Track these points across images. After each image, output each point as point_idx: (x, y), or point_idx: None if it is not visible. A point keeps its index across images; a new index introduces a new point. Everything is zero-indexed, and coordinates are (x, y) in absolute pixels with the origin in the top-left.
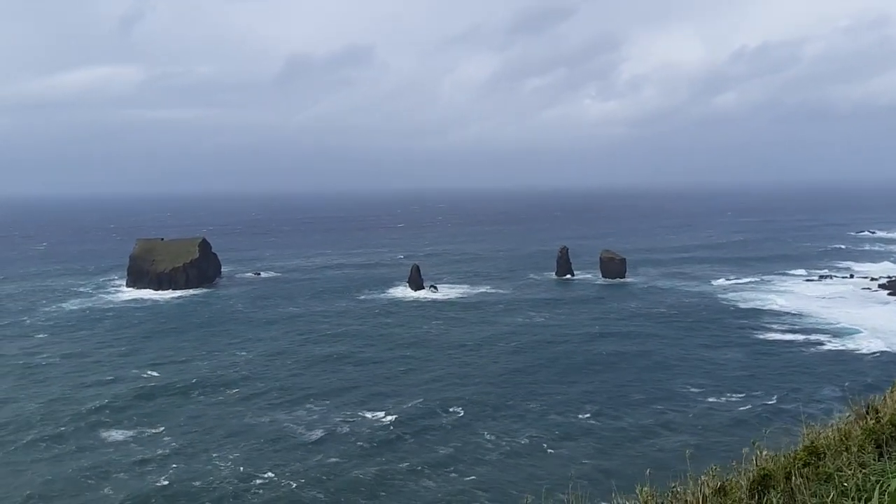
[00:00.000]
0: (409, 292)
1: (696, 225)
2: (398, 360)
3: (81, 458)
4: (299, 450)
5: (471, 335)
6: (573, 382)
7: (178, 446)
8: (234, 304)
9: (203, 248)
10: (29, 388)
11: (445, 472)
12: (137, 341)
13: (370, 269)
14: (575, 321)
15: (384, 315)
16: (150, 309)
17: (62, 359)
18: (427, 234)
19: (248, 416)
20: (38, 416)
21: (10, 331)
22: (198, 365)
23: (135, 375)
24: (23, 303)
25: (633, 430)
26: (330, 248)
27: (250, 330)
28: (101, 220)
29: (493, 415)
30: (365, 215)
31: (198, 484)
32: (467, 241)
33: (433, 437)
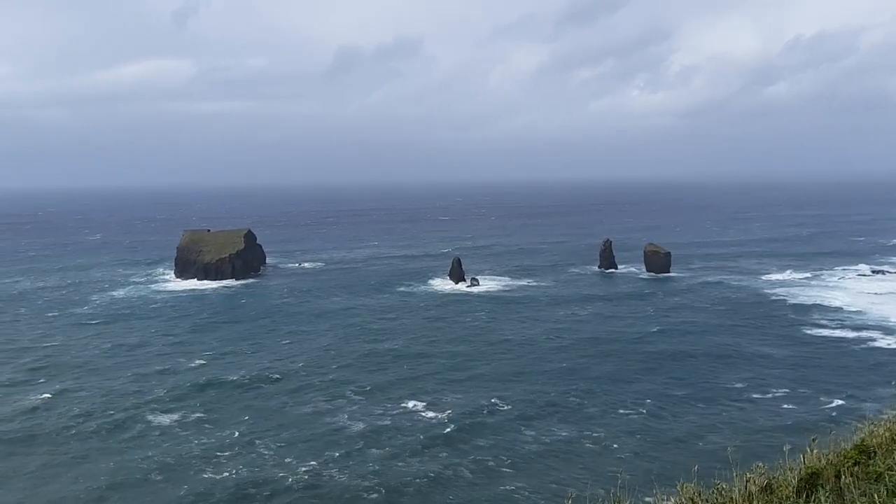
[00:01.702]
0: (450, 285)
1: (746, 218)
2: (441, 355)
3: (140, 450)
4: (344, 442)
5: (513, 330)
6: (616, 379)
7: (233, 438)
8: (279, 295)
9: (248, 239)
10: (86, 378)
11: (487, 467)
12: (185, 332)
13: (412, 261)
14: (618, 317)
15: (425, 308)
16: (196, 299)
17: (115, 349)
18: (470, 226)
19: (295, 407)
20: (97, 406)
21: (64, 321)
22: (245, 356)
23: (184, 366)
24: (77, 293)
25: (677, 426)
26: (374, 239)
27: (294, 321)
28: (152, 211)
29: (535, 411)
30: (409, 207)
31: (249, 475)
32: (510, 234)
33: (476, 432)
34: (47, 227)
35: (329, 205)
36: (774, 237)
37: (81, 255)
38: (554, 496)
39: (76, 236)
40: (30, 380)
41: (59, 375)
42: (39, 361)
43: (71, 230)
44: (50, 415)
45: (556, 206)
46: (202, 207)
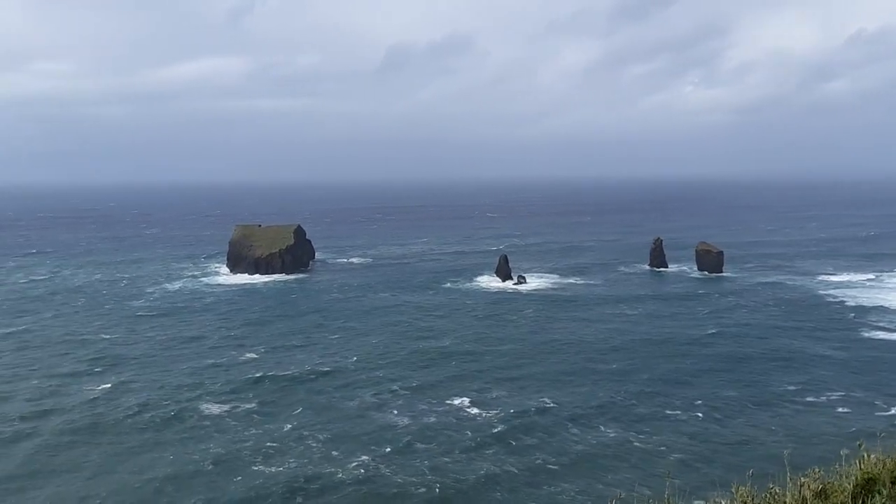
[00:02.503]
0: (497, 282)
1: (803, 217)
2: (489, 353)
3: (195, 442)
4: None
5: (562, 329)
6: (668, 381)
7: (284, 432)
8: (328, 290)
9: (298, 234)
10: (143, 370)
11: (535, 466)
12: (238, 326)
13: (459, 258)
14: (670, 317)
15: (473, 306)
16: (248, 293)
17: (170, 341)
18: (518, 223)
19: (345, 402)
20: (153, 398)
21: (121, 313)
22: (296, 351)
23: (237, 360)
24: (133, 286)
25: (730, 429)
26: (421, 236)
27: (343, 317)
28: (207, 206)
29: (584, 412)
30: (458, 204)
31: (300, 468)
32: (558, 231)
33: (525, 432)
34: (106, 221)
35: (378, 201)
36: (833, 237)
37: (138, 248)
38: (601, 497)
39: (134, 230)
40: (91, 371)
41: (117, 367)
42: (99, 353)
43: (129, 224)
44: (110, 406)
45: (606, 203)
46: (254, 203)
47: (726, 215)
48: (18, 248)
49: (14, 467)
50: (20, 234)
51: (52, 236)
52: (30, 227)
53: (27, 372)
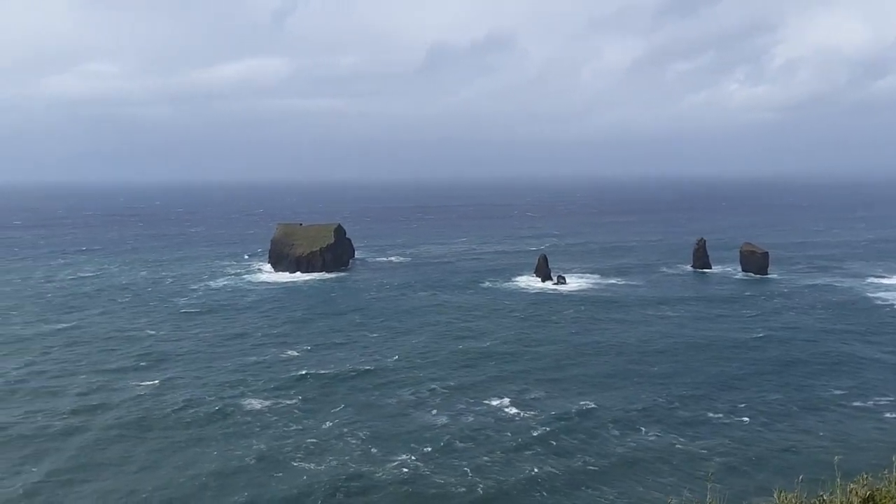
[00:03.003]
0: (536, 282)
1: (852, 218)
2: (529, 355)
3: (239, 439)
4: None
5: (602, 331)
6: (713, 385)
7: (326, 430)
8: (368, 289)
9: (338, 233)
10: (188, 367)
11: (575, 469)
12: (280, 324)
13: (498, 258)
14: (714, 319)
15: (512, 306)
16: (289, 291)
17: (214, 339)
18: (558, 222)
19: (386, 402)
20: (199, 395)
21: (167, 311)
22: (337, 349)
23: (279, 357)
24: (178, 283)
25: (774, 433)
26: (461, 235)
27: (383, 316)
28: (250, 205)
29: (625, 415)
30: (498, 203)
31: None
32: (599, 231)
33: (565, 434)
34: (152, 220)
35: (418, 200)
36: (883, 238)
37: (183, 246)
38: (642, 500)
39: (178, 228)
40: (137, 367)
41: (163, 363)
42: (145, 350)
43: (173, 223)
44: (156, 401)
45: (648, 203)
46: (296, 202)
47: (772, 215)
48: (67, 246)
49: (64, 461)
50: (69, 231)
51: (99, 234)
52: (78, 226)
53: (76, 367)
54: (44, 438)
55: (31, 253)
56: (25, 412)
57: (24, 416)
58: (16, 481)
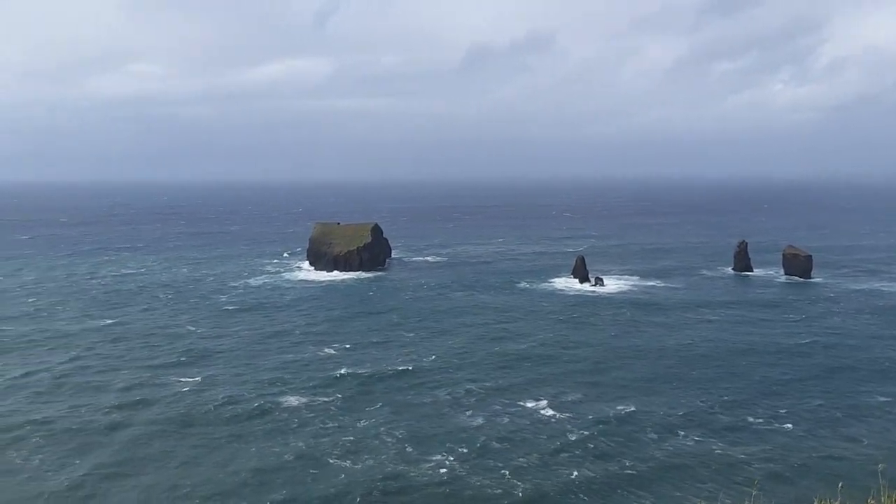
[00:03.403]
0: (574, 284)
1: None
2: (567, 357)
3: (278, 437)
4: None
5: (641, 334)
6: (754, 391)
7: (363, 429)
8: (404, 289)
9: (375, 232)
10: (229, 364)
11: (611, 473)
12: (318, 322)
13: (535, 259)
14: (755, 323)
15: (550, 308)
16: (327, 290)
17: (253, 336)
18: (596, 223)
19: (422, 402)
20: (239, 392)
21: (208, 308)
22: (374, 349)
23: (318, 356)
24: (218, 281)
25: (818, 441)
26: (498, 235)
27: (419, 316)
28: (289, 204)
29: (664, 420)
30: (536, 203)
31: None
32: (638, 232)
33: (602, 438)
34: (193, 218)
35: (455, 200)
36: None
37: (223, 245)
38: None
39: (219, 227)
40: (179, 363)
41: (204, 360)
42: (187, 346)
43: (214, 221)
44: (197, 398)
45: (688, 204)
46: (334, 201)
47: (816, 217)
48: (111, 243)
49: (108, 455)
50: (113, 229)
51: (142, 232)
52: (122, 223)
53: (119, 363)
54: (88, 433)
55: (76, 250)
56: (70, 407)
57: (69, 410)
58: (61, 475)
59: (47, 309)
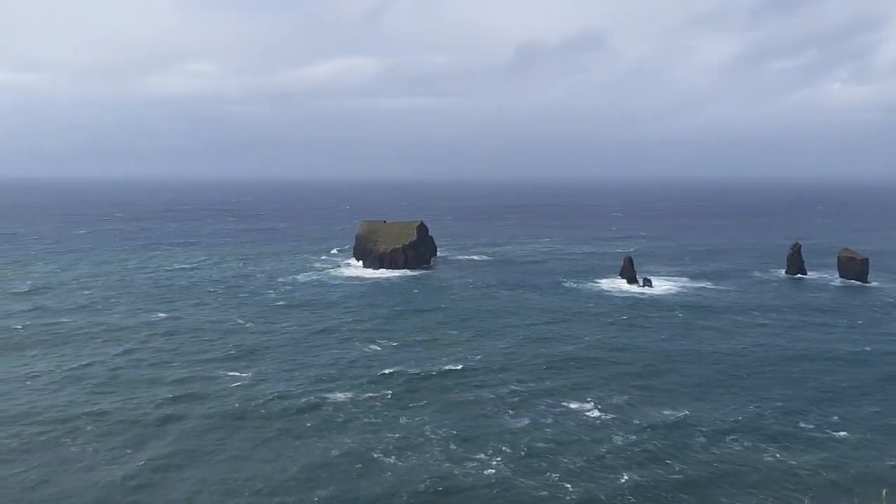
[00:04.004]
0: (621, 285)
1: None
2: (614, 360)
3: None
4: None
5: (689, 338)
6: (806, 399)
7: (408, 428)
8: (449, 288)
9: (421, 230)
10: (278, 360)
11: (658, 480)
12: (364, 320)
13: (583, 259)
14: (808, 328)
15: (597, 309)
16: (372, 288)
17: (301, 332)
18: (645, 224)
19: (468, 402)
20: (287, 389)
21: (257, 304)
22: (420, 347)
23: (364, 354)
24: (267, 277)
25: (873, 450)
26: (545, 235)
27: (464, 315)
28: (338, 201)
29: (713, 426)
30: (584, 203)
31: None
32: (688, 233)
33: (651, 441)
34: (243, 215)
35: (502, 199)
36: None
37: (272, 241)
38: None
39: (268, 223)
40: (229, 358)
41: (253, 356)
42: (237, 342)
43: (264, 218)
44: (247, 393)
45: (740, 205)
46: (381, 199)
47: (875, 220)
48: (165, 239)
49: (161, 448)
50: (167, 224)
51: (195, 228)
52: (176, 219)
53: (172, 357)
54: (142, 425)
55: (131, 245)
56: (124, 399)
57: (123, 402)
58: (115, 466)
59: (102, 302)
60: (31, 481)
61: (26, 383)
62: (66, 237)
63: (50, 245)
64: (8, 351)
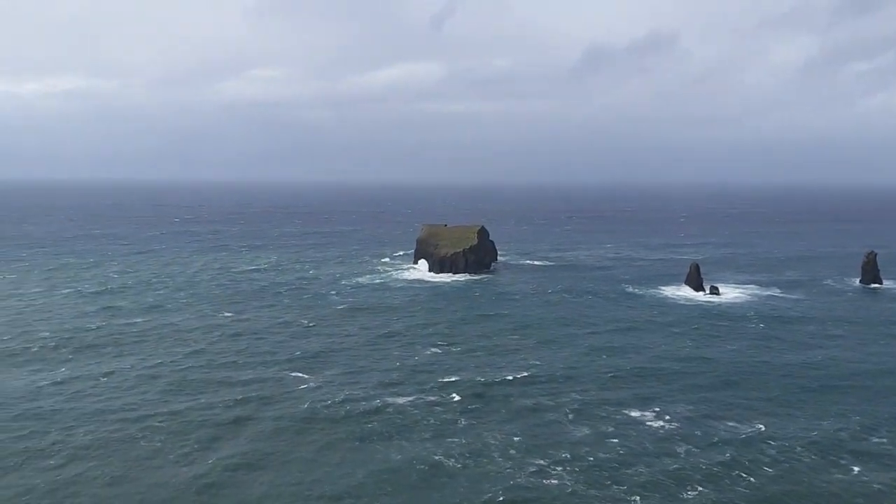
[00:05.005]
0: (687, 292)
1: None
2: (679, 369)
3: (389, 440)
4: (570, 447)
5: (757, 349)
6: (885, 416)
7: (475, 438)
8: (509, 293)
9: (481, 235)
10: (344, 364)
11: (734, 493)
12: (425, 325)
13: (647, 265)
14: (887, 341)
15: (661, 317)
16: (433, 292)
17: (363, 335)
18: (714, 230)
19: (532, 410)
20: (352, 394)
21: (321, 307)
22: (481, 353)
23: (426, 358)
24: (330, 278)
25: None
26: (608, 240)
27: (525, 320)
28: (399, 206)
29: (790, 442)
30: (649, 208)
31: (481, 472)
32: (758, 240)
33: (723, 457)
34: (309, 218)
35: (564, 203)
36: None
37: (336, 244)
38: None
39: (332, 226)
40: (296, 360)
41: (320, 359)
42: (304, 345)
43: (327, 221)
44: (315, 397)
45: (815, 211)
46: (443, 203)
47: None
48: (233, 241)
49: (231, 449)
50: (236, 227)
51: (262, 230)
52: (244, 222)
53: (241, 358)
54: (212, 426)
55: (200, 246)
56: (195, 399)
57: (194, 403)
58: (186, 466)
59: (171, 303)
60: (107, 477)
61: (101, 381)
62: (140, 239)
63: (125, 246)
64: (84, 350)
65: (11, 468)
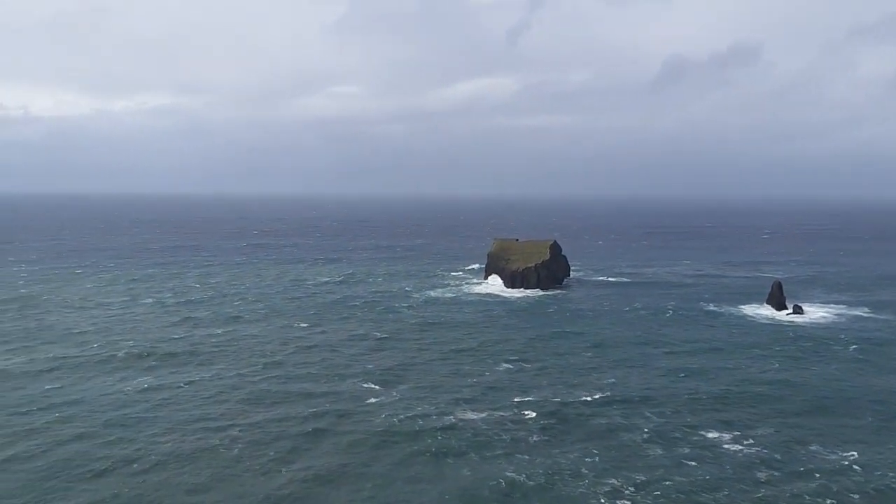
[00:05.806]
0: (768, 311)
1: None
2: (754, 392)
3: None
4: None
5: (850, 373)
6: None
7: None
8: (582, 309)
9: (553, 250)
10: (413, 378)
11: None
12: (498, 340)
13: (728, 282)
14: None
15: (741, 337)
16: (505, 307)
17: (434, 349)
18: (797, 246)
19: (608, 431)
20: (425, 410)
21: (393, 322)
22: (553, 371)
23: (498, 374)
24: (401, 292)
25: None
26: (686, 257)
27: (598, 338)
28: (472, 219)
29: (881, 468)
30: (730, 223)
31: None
32: (848, 259)
33: (806, 482)
34: (382, 232)
35: (641, 218)
36: None
37: (409, 258)
38: None
39: (406, 240)
40: (371, 374)
41: (394, 373)
42: (377, 359)
43: (401, 235)
44: (388, 412)
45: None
46: (515, 217)
47: None
48: (310, 253)
49: (307, 462)
50: (312, 240)
51: (337, 244)
52: (321, 235)
53: (318, 370)
54: (289, 439)
55: (276, 258)
56: (272, 412)
57: (271, 415)
58: (265, 477)
59: (250, 314)
60: (189, 485)
61: (184, 389)
62: (221, 251)
63: (206, 258)
64: (167, 359)
65: (101, 473)
